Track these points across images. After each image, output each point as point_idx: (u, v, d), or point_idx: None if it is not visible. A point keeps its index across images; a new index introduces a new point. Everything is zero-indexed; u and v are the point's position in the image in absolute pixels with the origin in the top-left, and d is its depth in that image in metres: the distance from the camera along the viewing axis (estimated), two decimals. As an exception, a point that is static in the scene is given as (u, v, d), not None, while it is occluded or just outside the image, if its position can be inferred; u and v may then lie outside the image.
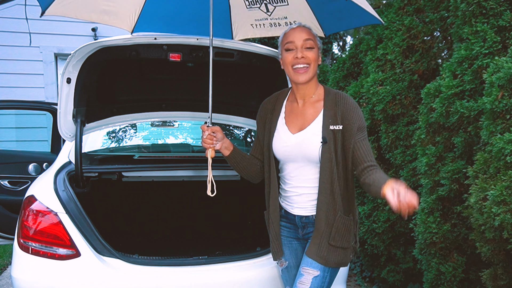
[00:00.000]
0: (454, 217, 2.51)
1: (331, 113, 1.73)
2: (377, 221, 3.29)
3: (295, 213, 1.86)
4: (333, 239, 1.74)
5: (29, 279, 2.02)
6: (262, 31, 2.32)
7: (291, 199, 1.86)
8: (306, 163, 1.77)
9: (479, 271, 2.33)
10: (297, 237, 1.91)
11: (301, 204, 1.83)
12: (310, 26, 1.81)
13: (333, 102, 1.75)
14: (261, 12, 2.23)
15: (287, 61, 1.75)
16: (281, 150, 1.80)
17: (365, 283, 3.71)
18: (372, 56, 3.41)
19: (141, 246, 2.62)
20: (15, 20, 5.96)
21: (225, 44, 2.19)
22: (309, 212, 1.82)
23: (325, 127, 1.72)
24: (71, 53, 2.09)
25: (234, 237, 3.03)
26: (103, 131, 3.48)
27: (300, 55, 1.72)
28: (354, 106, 1.75)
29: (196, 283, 2.14)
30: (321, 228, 1.74)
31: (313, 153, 1.73)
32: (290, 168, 1.82)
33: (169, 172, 2.82)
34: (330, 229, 1.74)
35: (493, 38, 2.24)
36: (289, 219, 1.90)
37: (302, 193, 1.82)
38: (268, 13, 2.22)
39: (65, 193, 2.14)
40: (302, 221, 1.85)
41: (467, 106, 2.29)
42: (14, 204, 3.34)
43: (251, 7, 2.23)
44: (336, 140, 1.71)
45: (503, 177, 1.96)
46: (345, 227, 1.77)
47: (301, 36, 1.73)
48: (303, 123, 1.78)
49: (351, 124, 1.71)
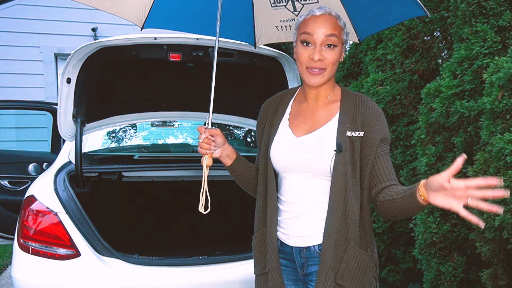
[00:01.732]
0: (454, 217, 2.51)
1: (349, 117, 1.40)
2: (377, 221, 3.29)
3: (292, 244, 1.44)
4: (341, 278, 1.35)
5: (29, 279, 2.02)
6: (288, 34, 2.06)
7: (286, 224, 1.45)
8: (312, 174, 1.40)
9: (479, 271, 2.33)
10: (295, 279, 1.49)
11: (299, 231, 1.43)
12: (337, 14, 1.42)
13: (352, 105, 1.42)
14: (287, 11, 1.98)
15: (301, 58, 1.40)
16: (280, 158, 1.44)
17: (365, 283, 3.71)
18: (372, 56, 3.41)
19: (141, 246, 2.62)
20: (15, 20, 5.96)
21: (225, 44, 2.19)
22: (311, 242, 1.41)
23: (341, 133, 1.37)
24: (71, 53, 2.09)
25: (234, 237, 3.03)
26: (103, 131, 3.48)
27: (317, 57, 1.36)
28: (379, 112, 1.42)
29: (196, 283, 2.14)
30: (327, 262, 1.35)
31: (322, 162, 1.37)
32: (289, 181, 1.45)
33: (169, 172, 2.82)
34: (338, 263, 1.36)
35: (493, 38, 2.24)
36: (285, 253, 1.48)
37: (301, 213, 1.42)
38: (295, 12, 1.97)
39: (65, 193, 2.14)
40: (301, 255, 1.44)
41: (467, 106, 2.29)
42: (14, 204, 3.34)
43: (276, 6, 1.98)
44: (354, 150, 1.37)
45: (503, 177, 1.96)
46: (358, 264, 1.37)
47: (323, 30, 1.36)
48: (312, 126, 1.44)
49: (373, 132, 1.37)
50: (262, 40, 2.12)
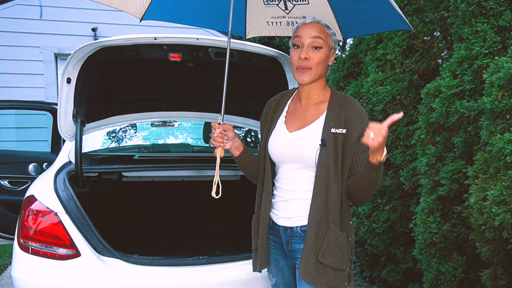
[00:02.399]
0: (454, 217, 2.51)
1: (334, 116, 1.60)
2: (377, 221, 3.29)
3: (280, 223, 1.68)
4: (322, 256, 1.56)
5: (29, 279, 2.02)
6: (277, 29, 2.22)
7: (277, 206, 1.70)
8: (300, 165, 1.62)
9: (479, 271, 2.33)
10: (283, 255, 1.74)
11: (286, 213, 1.66)
12: (326, 24, 1.64)
13: (337, 105, 1.62)
14: (279, 9, 2.14)
15: (292, 60, 1.63)
16: (275, 149, 1.67)
17: (365, 283, 3.71)
18: (372, 56, 3.41)
19: (141, 246, 2.62)
20: (15, 20, 5.96)
21: (225, 44, 2.19)
22: (294, 223, 1.64)
23: (326, 129, 1.58)
24: (71, 53, 2.09)
25: (234, 237, 3.03)
26: (103, 131, 3.48)
27: (303, 56, 1.57)
28: (360, 112, 1.60)
29: (196, 283, 2.14)
30: (310, 241, 1.56)
31: (309, 154, 1.58)
32: (282, 170, 1.68)
33: (169, 172, 2.82)
34: (320, 243, 1.56)
35: (493, 38, 2.24)
36: (275, 231, 1.72)
37: (289, 198, 1.65)
38: (286, 11, 2.13)
39: (65, 193, 2.14)
40: (286, 233, 1.67)
41: (467, 106, 2.29)
42: (14, 204, 3.34)
43: (268, 4, 2.13)
44: (337, 145, 1.56)
45: (503, 177, 1.96)
46: (337, 244, 1.57)
47: (310, 33, 1.58)
48: (302, 123, 1.65)
49: (353, 130, 1.56)
50: (252, 33, 2.26)
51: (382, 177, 3.33)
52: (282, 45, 7.61)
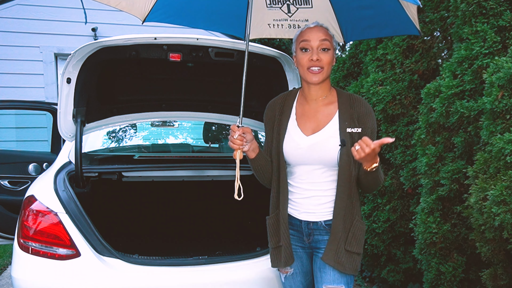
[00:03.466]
0: (454, 217, 2.51)
1: (347, 115, 1.70)
2: (377, 221, 3.29)
3: (302, 218, 1.78)
4: (349, 245, 1.70)
5: (29, 279, 2.02)
6: (279, 31, 2.23)
7: (297, 203, 1.78)
8: (321, 166, 1.71)
9: (479, 271, 2.33)
10: (302, 245, 1.83)
11: (309, 208, 1.76)
12: (327, 26, 1.75)
13: (347, 104, 1.72)
14: (282, 12, 2.15)
15: (302, 62, 1.70)
16: (294, 153, 1.73)
17: (365, 283, 3.71)
18: (372, 56, 3.41)
19: (141, 246, 2.62)
20: (15, 20, 5.96)
21: (225, 44, 2.19)
22: (318, 218, 1.75)
23: (343, 130, 1.68)
24: (71, 53, 2.09)
25: (234, 237, 3.03)
26: (103, 131, 3.48)
27: (315, 57, 1.67)
28: (369, 110, 1.72)
29: (196, 283, 2.14)
30: (338, 234, 1.69)
31: (331, 156, 1.67)
32: (301, 171, 1.75)
33: (169, 172, 2.82)
34: (346, 234, 1.70)
35: (493, 38, 2.24)
36: (293, 225, 1.81)
37: (311, 196, 1.74)
38: (289, 14, 2.15)
39: (65, 193, 2.14)
40: (309, 227, 1.77)
41: (467, 106, 2.29)
42: (14, 204, 3.33)
43: (272, 6, 2.14)
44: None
45: (503, 177, 1.96)
46: (361, 232, 1.74)
47: (318, 36, 1.69)
48: (317, 125, 1.72)
49: (366, 128, 1.69)
50: (253, 34, 2.23)
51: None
52: (282, 45, 7.60)
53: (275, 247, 1.83)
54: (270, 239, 1.85)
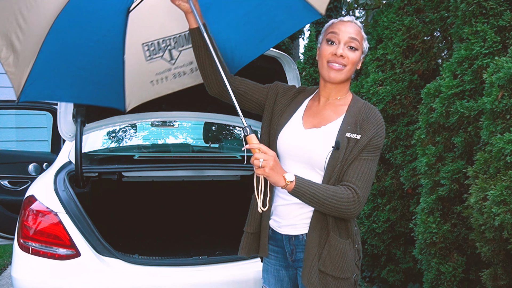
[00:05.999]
0: (454, 217, 2.51)
1: (352, 120, 1.50)
2: (377, 221, 3.29)
3: (282, 232, 1.57)
4: (322, 264, 1.47)
5: (29, 279, 2.02)
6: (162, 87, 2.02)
7: (278, 212, 1.58)
8: (307, 166, 1.51)
9: (479, 271, 2.33)
10: (285, 265, 1.64)
11: (289, 220, 1.55)
12: (362, 26, 1.56)
13: (357, 110, 1.52)
14: (164, 62, 1.94)
15: (324, 53, 1.50)
16: (286, 143, 1.55)
17: (365, 283, 3.71)
18: (372, 56, 3.41)
19: (141, 246, 2.62)
20: (15, 20, 5.94)
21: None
22: (299, 231, 1.54)
23: (341, 133, 1.47)
24: (71, 53, 2.08)
25: (234, 237, 3.03)
26: (103, 131, 3.48)
27: (340, 53, 1.47)
28: (377, 119, 1.50)
29: (196, 283, 2.14)
30: (312, 249, 1.47)
31: (319, 156, 1.48)
32: (288, 167, 1.54)
33: (169, 172, 2.82)
34: (321, 251, 1.48)
35: (493, 38, 2.24)
36: (276, 240, 1.61)
37: (292, 202, 1.52)
38: (172, 61, 1.95)
39: (65, 193, 2.14)
40: (290, 242, 1.57)
41: (467, 106, 2.29)
42: (14, 204, 3.34)
43: (152, 58, 1.91)
44: (347, 150, 1.46)
45: (503, 177, 1.96)
46: (339, 252, 1.48)
47: (348, 32, 1.49)
48: (318, 122, 1.55)
49: (364, 136, 1.46)
50: (134, 102, 2.05)
51: (382, 177, 3.33)
52: (282, 45, 7.60)
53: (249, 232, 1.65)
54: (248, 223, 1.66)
